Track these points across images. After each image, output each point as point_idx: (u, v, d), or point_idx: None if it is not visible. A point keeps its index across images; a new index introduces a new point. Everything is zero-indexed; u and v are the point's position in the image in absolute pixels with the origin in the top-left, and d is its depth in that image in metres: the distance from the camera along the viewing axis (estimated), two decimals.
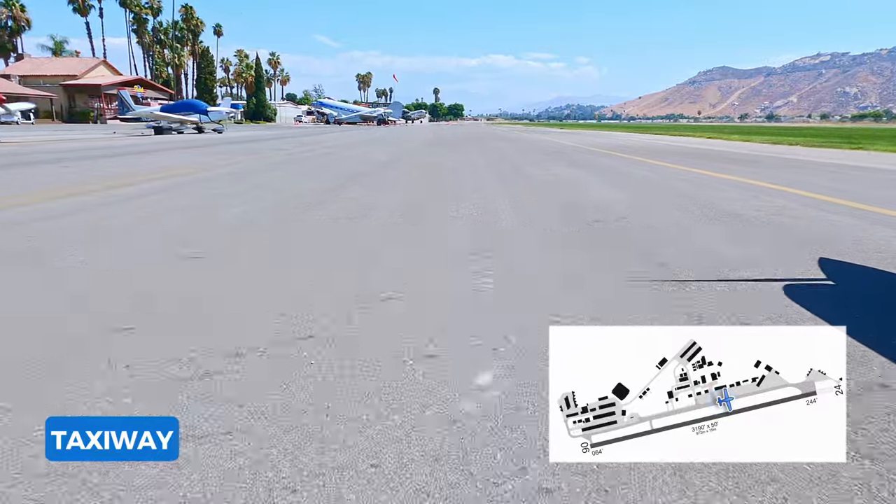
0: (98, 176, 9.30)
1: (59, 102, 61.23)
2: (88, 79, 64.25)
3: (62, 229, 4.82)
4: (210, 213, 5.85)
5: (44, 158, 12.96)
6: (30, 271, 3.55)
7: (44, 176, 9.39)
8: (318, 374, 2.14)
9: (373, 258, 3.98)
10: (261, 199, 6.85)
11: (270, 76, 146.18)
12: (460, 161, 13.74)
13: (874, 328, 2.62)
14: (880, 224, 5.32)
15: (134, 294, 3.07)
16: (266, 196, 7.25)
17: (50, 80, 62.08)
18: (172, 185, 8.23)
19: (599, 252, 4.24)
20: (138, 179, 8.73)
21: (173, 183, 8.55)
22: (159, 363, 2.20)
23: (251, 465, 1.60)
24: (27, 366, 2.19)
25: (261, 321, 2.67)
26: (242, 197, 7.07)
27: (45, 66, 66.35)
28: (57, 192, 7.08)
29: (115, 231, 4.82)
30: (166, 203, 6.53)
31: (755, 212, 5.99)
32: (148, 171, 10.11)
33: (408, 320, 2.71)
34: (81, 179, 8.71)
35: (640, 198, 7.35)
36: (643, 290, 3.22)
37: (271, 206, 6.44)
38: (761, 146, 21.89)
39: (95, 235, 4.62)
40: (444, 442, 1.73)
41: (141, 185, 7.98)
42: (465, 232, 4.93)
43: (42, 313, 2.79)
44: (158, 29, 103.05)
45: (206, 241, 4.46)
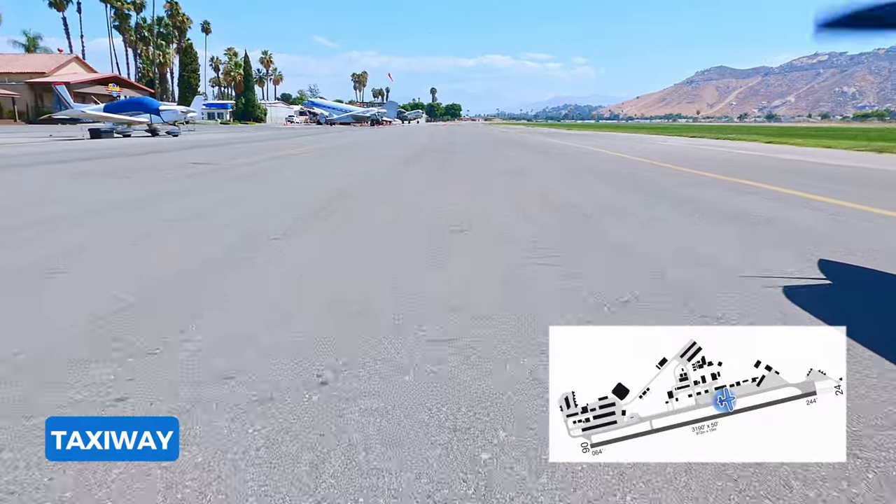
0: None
1: (24, 101, 57.68)
2: (59, 76, 57.90)
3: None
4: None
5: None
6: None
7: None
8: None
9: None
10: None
11: (263, 75, 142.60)
12: (472, 208, 6.52)
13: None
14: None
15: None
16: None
17: (16, 77, 57.84)
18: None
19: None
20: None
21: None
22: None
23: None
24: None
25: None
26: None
27: (11, 62, 61.32)
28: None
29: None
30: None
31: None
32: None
33: None
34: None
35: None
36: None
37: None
38: (849, 154, 16.47)
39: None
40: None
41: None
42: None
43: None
44: (142, 25, 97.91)
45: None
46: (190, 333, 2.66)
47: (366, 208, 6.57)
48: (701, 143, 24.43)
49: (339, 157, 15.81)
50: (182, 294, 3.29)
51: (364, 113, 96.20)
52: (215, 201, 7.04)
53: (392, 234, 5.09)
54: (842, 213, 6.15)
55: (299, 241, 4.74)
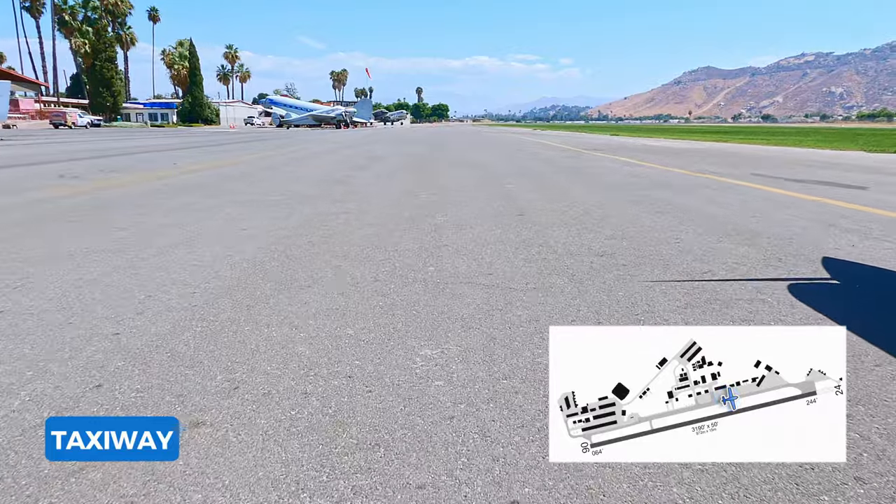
0: None
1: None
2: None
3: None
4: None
5: None
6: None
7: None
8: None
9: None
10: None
11: (228, 72, 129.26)
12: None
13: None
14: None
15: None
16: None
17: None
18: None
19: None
20: None
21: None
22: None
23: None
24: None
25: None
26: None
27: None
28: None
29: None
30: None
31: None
32: None
33: None
34: None
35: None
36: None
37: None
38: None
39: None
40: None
41: None
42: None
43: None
44: (62, 8, 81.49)
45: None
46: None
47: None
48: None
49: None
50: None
51: (328, 113, 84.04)
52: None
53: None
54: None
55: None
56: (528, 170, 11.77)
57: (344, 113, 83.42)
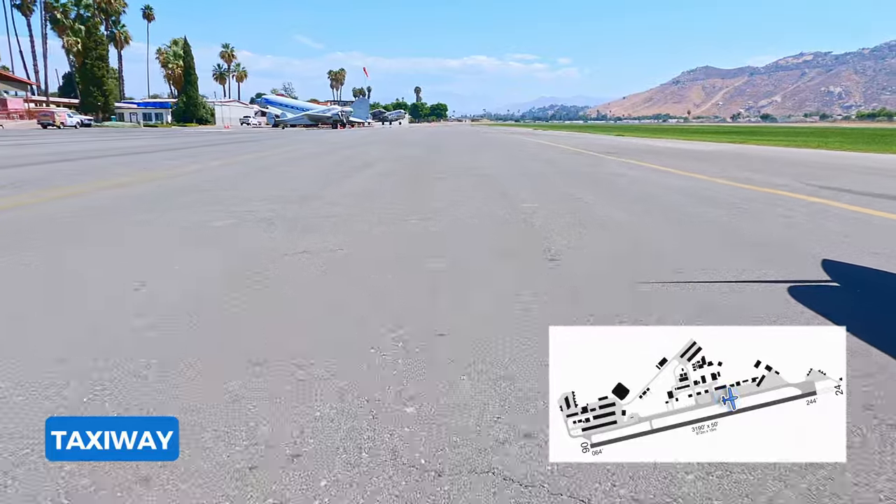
0: None
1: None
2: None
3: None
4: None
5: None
6: None
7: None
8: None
9: None
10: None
11: (224, 71, 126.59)
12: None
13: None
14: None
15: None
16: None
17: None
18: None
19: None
20: None
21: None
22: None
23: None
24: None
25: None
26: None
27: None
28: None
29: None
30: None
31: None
32: None
33: None
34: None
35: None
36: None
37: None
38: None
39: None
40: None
41: None
42: None
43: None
44: (53, 6, 79.59)
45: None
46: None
47: None
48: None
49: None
50: None
51: (324, 112, 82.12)
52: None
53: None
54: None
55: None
56: (538, 177, 10.01)
57: (340, 113, 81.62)
